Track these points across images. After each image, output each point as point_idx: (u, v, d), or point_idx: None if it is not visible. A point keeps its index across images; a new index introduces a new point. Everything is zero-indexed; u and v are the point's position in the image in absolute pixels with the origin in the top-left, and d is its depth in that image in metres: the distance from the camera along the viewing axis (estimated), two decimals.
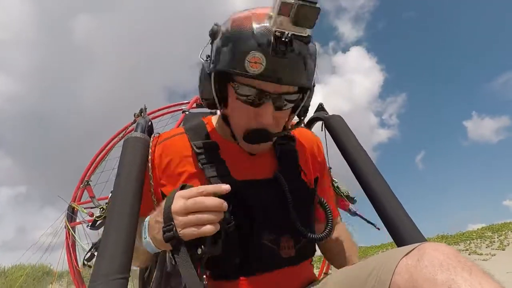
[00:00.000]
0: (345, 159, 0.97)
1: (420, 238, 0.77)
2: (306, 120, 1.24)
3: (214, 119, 0.91)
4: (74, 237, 1.52)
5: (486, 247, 7.20)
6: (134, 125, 0.97)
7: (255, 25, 0.66)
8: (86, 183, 1.49)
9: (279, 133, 0.77)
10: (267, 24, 0.64)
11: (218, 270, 0.75)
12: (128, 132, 1.57)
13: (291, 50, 0.65)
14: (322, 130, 1.18)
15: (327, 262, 1.84)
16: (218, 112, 0.86)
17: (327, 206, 0.81)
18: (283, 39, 0.63)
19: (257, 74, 0.66)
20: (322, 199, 0.82)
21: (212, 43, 0.75)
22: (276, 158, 0.85)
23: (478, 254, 6.73)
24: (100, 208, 1.38)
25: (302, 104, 0.78)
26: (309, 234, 0.75)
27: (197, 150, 0.79)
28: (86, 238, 1.50)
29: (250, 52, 0.65)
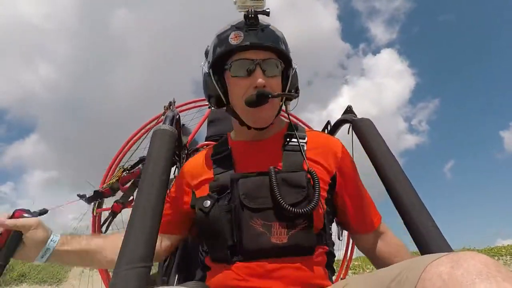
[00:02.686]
0: (372, 164, 0.95)
1: (447, 249, 0.73)
2: (333, 122, 1.22)
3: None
4: (100, 222, 1.58)
5: None
6: (163, 117, 0.99)
7: (230, 23, 0.88)
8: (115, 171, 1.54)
9: (275, 95, 0.85)
10: (236, 5, 0.83)
11: (216, 253, 0.81)
12: (157, 124, 1.61)
13: (258, 23, 0.85)
14: (348, 133, 1.16)
15: (344, 267, 1.81)
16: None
17: (315, 178, 0.81)
18: (249, 15, 0.83)
19: (239, 45, 0.83)
20: (313, 172, 0.83)
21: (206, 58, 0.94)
22: (282, 152, 0.90)
23: None
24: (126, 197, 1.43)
25: (290, 80, 0.91)
26: (289, 207, 0.76)
27: (212, 159, 0.94)
28: (111, 224, 1.55)
29: (231, 33, 0.85)
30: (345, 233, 1.78)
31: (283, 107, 0.96)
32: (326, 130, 1.28)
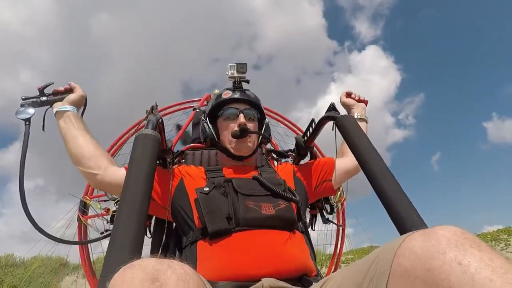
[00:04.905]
0: (356, 159, 0.97)
1: None
2: (317, 120, 1.24)
3: None
4: (87, 231, 1.55)
5: (501, 250, 7.02)
6: (145, 122, 0.98)
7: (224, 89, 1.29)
8: None
9: (253, 131, 1.19)
10: (228, 74, 1.31)
11: (216, 225, 0.94)
12: (140, 128, 1.59)
13: (242, 87, 1.28)
14: (332, 130, 1.17)
15: (335, 261, 1.84)
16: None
17: (293, 189, 1.11)
18: (236, 84, 1.28)
19: (229, 98, 1.22)
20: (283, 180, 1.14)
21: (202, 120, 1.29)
22: (258, 172, 1.17)
23: None
24: (115, 202, 1.41)
25: (264, 128, 1.27)
26: (276, 189, 1.03)
27: (206, 169, 1.18)
28: (97, 232, 1.53)
29: (223, 92, 1.25)
30: (335, 229, 1.80)
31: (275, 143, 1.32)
32: (311, 128, 1.29)
